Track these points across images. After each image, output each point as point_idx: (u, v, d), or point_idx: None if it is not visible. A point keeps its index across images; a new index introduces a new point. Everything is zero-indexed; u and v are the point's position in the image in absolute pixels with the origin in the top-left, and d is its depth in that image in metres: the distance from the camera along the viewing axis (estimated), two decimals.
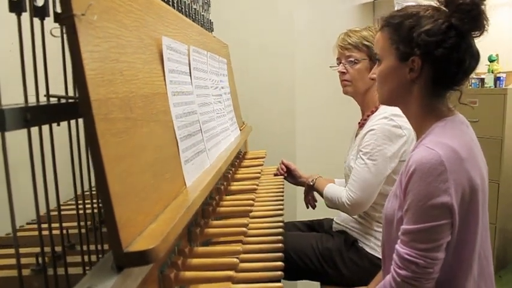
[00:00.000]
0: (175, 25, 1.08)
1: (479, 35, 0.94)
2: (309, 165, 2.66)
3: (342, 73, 1.62)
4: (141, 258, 0.57)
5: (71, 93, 0.64)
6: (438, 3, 0.96)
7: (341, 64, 1.62)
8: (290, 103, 2.66)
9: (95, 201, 0.78)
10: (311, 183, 1.70)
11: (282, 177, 1.80)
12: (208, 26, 1.80)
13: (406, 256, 0.90)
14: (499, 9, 3.35)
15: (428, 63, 0.95)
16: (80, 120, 0.62)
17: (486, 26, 0.92)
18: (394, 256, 0.93)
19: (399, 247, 0.92)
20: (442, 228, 0.89)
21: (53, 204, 0.61)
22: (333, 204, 1.57)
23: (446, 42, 0.92)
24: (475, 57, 0.94)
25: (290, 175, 1.85)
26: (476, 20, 0.91)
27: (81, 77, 0.55)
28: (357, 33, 1.60)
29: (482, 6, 0.91)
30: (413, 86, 0.99)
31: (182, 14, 1.31)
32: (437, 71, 0.95)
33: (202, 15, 1.65)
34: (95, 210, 0.77)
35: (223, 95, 1.55)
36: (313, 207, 1.78)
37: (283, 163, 1.87)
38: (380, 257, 1.42)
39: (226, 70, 1.71)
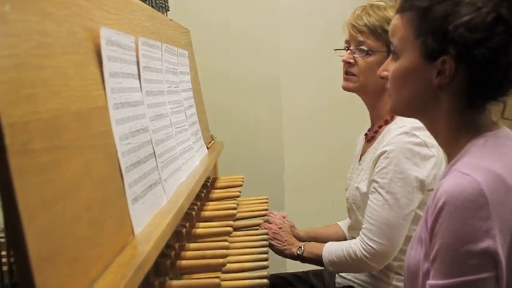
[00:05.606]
0: (118, 8, 1.08)
1: None
2: (303, 193, 2.68)
3: (347, 63, 1.62)
4: None
5: None
6: None
7: (349, 51, 1.62)
8: (275, 108, 2.68)
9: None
10: (298, 254, 1.68)
11: (265, 209, 1.79)
12: (162, 4, 1.80)
13: None
14: None
15: (464, 66, 0.96)
16: None
17: None
18: None
19: None
20: (484, 284, 0.89)
21: None
22: (343, 266, 1.57)
23: (492, 41, 0.93)
24: None
25: None
26: None
27: None
28: (379, 11, 1.58)
29: None
30: (441, 94, 1.01)
31: None
32: (475, 78, 0.97)
33: None
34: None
35: (185, 102, 1.55)
36: None
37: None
38: None
39: (188, 65, 1.71)
